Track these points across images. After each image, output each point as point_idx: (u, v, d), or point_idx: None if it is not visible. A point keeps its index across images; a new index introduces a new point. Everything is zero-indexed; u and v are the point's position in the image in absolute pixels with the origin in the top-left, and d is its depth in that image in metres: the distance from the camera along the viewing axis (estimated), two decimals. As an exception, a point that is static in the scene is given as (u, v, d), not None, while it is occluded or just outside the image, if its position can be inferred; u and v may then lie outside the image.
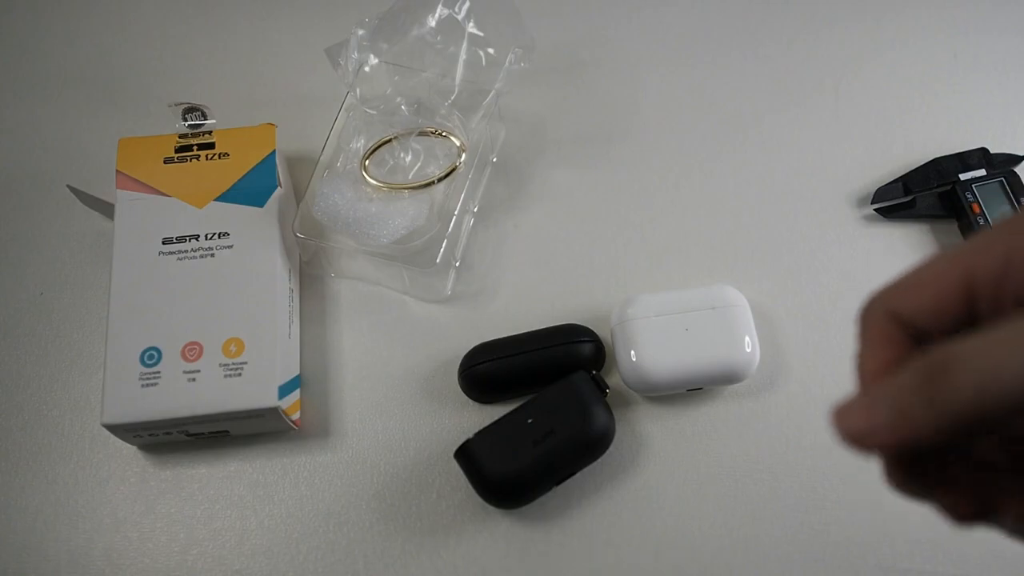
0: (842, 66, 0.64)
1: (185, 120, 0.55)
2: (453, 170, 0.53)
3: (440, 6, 0.54)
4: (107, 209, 0.54)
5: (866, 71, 0.64)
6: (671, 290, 0.52)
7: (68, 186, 0.54)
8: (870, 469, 0.50)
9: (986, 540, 0.49)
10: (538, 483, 0.47)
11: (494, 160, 0.60)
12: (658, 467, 0.50)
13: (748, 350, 0.50)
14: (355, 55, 0.54)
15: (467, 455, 0.47)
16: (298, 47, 0.65)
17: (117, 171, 0.53)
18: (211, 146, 0.54)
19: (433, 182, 0.52)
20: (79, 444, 0.52)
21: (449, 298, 0.56)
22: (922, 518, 0.49)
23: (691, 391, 0.52)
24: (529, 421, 0.47)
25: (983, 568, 0.48)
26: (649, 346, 0.50)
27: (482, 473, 0.46)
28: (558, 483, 0.48)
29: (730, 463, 0.51)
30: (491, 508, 0.49)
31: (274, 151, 0.54)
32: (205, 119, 0.55)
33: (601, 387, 0.49)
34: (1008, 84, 0.63)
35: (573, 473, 0.48)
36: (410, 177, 0.53)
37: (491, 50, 0.54)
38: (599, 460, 0.49)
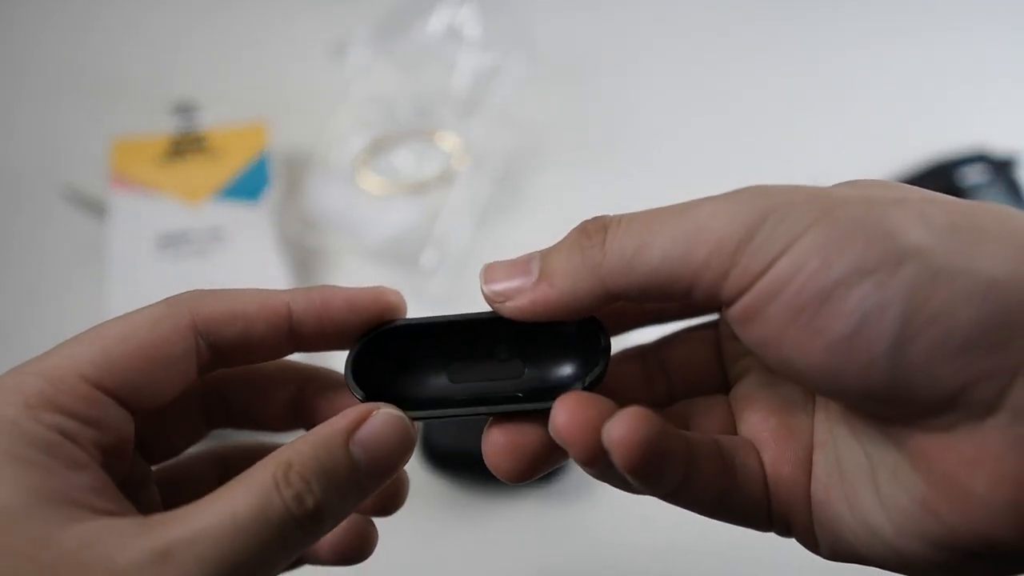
0: (841, 69, 0.64)
1: (178, 119, 0.55)
2: (448, 173, 0.52)
3: (443, 10, 0.54)
4: (102, 209, 0.54)
5: (863, 75, 0.63)
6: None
7: (62, 187, 0.54)
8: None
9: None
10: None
11: (492, 164, 0.59)
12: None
13: None
14: (359, 53, 0.54)
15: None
16: (295, 46, 0.65)
17: (111, 171, 0.53)
18: (204, 144, 0.54)
19: (427, 185, 0.52)
20: (77, 444, 0.52)
21: (438, 301, 0.55)
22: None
23: None
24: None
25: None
26: None
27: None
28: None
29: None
30: (493, 508, 0.49)
31: (267, 148, 0.54)
32: (198, 118, 0.55)
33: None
34: (1009, 84, 0.62)
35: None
36: (406, 179, 0.53)
37: (492, 56, 0.54)
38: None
